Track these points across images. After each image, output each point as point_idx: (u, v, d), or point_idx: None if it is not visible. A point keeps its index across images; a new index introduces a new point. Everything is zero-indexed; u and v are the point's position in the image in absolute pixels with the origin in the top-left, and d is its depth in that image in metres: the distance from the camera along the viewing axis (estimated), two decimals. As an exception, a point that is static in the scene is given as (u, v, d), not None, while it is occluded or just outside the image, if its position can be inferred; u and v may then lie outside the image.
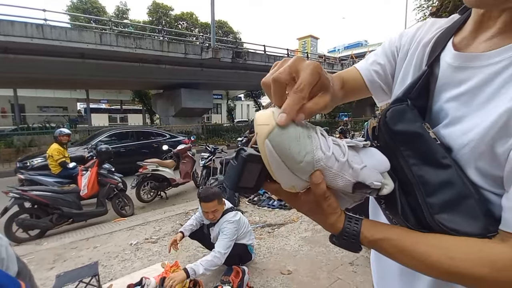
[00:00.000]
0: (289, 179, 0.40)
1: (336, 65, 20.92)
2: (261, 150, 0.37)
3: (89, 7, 22.92)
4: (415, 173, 0.44)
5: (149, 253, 3.07)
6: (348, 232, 0.43)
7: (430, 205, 0.42)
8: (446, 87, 0.49)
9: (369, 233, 0.43)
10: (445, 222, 0.40)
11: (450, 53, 0.50)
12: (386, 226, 0.45)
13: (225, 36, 24.77)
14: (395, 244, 0.42)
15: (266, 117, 0.37)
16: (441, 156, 0.43)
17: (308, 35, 35.37)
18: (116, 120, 29.02)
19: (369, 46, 41.59)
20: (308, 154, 0.38)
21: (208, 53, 13.19)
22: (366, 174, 0.41)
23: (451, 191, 0.41)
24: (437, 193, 0.42)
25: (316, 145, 0.39)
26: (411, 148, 0.45)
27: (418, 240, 0.41)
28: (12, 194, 3.64)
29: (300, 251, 2.97)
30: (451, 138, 0.44)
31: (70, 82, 15.35)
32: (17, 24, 9.38)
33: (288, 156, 0.37)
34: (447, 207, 0.41)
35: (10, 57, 9.93)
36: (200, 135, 15.13)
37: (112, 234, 3.66)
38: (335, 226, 0.44)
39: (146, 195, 5.39)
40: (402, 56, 0.63)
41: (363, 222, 0.44)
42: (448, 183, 0.41)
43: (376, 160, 0.44)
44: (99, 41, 10.84)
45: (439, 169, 0.42)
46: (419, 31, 0.61)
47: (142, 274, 2.52)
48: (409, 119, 0.47)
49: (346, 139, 0.44)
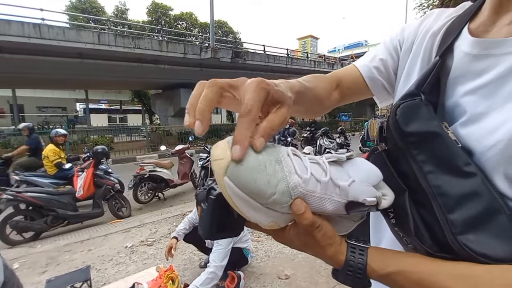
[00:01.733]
0: (265, 216, 0.33)
1: (336, 65, 20.89)
2: (222, 190, 0.32)
3: (88, 7, 22.86)
4: (430, 182, 0.36)
5: (144, 256, 3.01)
6: (352, 266, 0.36)
7: (452, 222, 0.33)
8: (462, 79, 0.42)
9: (378, 266, 0.36)
10: (472, 244, 0.32)
11: (466, 40, 0.43)
12: (397, 254, 0.38)
13: (225, 36, 24.74)
14: (412, 278, 0.34)
15: (221, 150, 0.32)
16: (464, 163, 0.35)
17: (308, 35, 35.35)
18: (115, 120, 28.99)
19: (369, 46, 41.61)
20: (280, 182, 0.31)
21: (207, 53, 13.15)
22: (356, 190, 0.35)
23: (477, 206, 0.33)
24: (459, 208, 0.34)
25: (289, 169, 0.32)
26: (426, 152, 0.37)
27: (440, 270, 0.33)
28: (5, 195, 3.57)
29: (299, 254, 2.91)
30: (472, 139, 0.37)
31: (68, 82, 15.31)
32: (14, 24, 9.33)
33: (255, 191, 0.31)
34: (473, 225, 0.33)
35: (6, 57, 9.88)
36: (199, 136, 15.06)
37: (107, 237, 3.60)
38: (336, 259, 0.37)
39: (143, 196, 5.33)
40: (406, 49, 0.56)
41: (369, 251, 0.37)
42: (472, 195, 0.34)
43: (366, 172, 0.37)
44: (97, 40, 10.80)
45: (461, 178, 0.35)
46: (425, 21, 0.54)
47: (136, 278, 2.46)
48: (424, 117, 0.39)
49: (326, 155, 0.37)
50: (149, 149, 12.63)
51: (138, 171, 5.24)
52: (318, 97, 0.55)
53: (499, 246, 0.32)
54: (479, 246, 0.32)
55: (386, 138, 0.43)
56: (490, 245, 0.32)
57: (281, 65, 16.60)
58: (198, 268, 2.64)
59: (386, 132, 0.42)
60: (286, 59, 17.02)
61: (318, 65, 19.28)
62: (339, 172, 0.36)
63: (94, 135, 12.79)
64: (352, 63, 0.65)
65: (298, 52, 27.56)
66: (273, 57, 16.31)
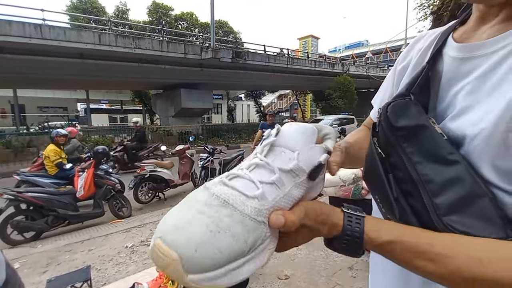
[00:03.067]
0: (257, 258, 0.31)
1: (337, 65, 20.85)
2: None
3: (88, 7, 22.87)
4: (419, 171, 0.39)
5: (145, 256, 3.02)
6: (349, 234, 0.37)
7: (437, 206, 0.37)
8: (454, 81, 0.45)
9: (375, 234, 0.37)
10: (456, 224, 0.35)
11: (452, 47, 0.48)
12: (394, 225, 0.39)
13: (225, 36, 24.71)
14: (408, 246, 0.35)
15: (162, 256, 0.27)
16: (448, 152, 0.39)
17: (308, 35, 35.27)
18: (116, 120, 28.99)
19: (370, 46, 41.51)
20: (243, 223, 0.28)
21: (208, 53, 13.14)
22: (307, 159, 0.34)
23: (459, 190, 0.36)
24: (444, 193, 0.37)
25: (238, 201, 0.29)
26: (414, 144, 0.41)
27: (436, 240, 0.34)
28: (6, 195, 3.58)
29: (298, 254, 2.91)
30: (460, 131, 0.40)
31: (69, 82, 15.32)
32: (14, 24, 9.33)
33: (231, 255, 0.27)
34: (456, 207, 0.36)
35: (7, 57, 9.88)
36: (200, 136, 15.08)
37: (107, 237, 3.60)
38: (334, 230, 0.38)
39: (144, 196, 5.33)
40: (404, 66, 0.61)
41: (366, 220, 0.38)
42: (456, 180, 0.37)
43: (301, 135, 0.36)
44: (98, 41, 10.80)
45: (446, 165, 0.38)
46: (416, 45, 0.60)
47: (136, 278, 2.46)
48: (413, 114, 0.43)
49: (258, 147, 0.36)
50: (149, 149, 12.62)
51: (138, 171, 5.25)
52: (362, 146, 0.60)
53: (480, 226, 0.34)
54: (462, 226, 0.35)
55: (378, 133, 0.46)
56: (472, 225, 0.34)
57: (282, 65, 16.58)
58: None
59: (378, 128, 0.46)
60: (286, 59, 17.00)
61: (319, 65, 19.24)
62: (279, 155, 0.34)
63: (95, 135, 12.81)
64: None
65: (298, 52, 27.51)
66: (274, 57, 16.29)
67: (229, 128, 18.32)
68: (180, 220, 0.28)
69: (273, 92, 35.89)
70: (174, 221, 0.28)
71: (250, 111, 34.85)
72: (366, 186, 2.99)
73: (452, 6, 4.96)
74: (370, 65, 24.73)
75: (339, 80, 18.64)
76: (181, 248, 0.26)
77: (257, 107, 28.58)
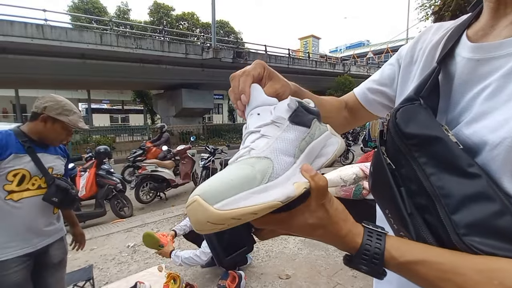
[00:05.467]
0: (268, 195, 0.31)
1: (338, 65, 20.84)
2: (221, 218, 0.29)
3: (90, 7, 22.93)
4: (434, 184, 0.35)
5: (146, 255, 3.03)
6: (368, 250, 0.35)
7: (455, 223, 0.33)
8: (469, 84, 0.42)
9: (397, 253, 0.34)
10: (479, 245, 0.32)
11: (466, 46, 0.44)
12: (416, 244, 0.36)
13: (227, 36, 24.74)
14: (434, 268, 0.32)
15: (189, 204, 0.30)
16: (467, 164, 0.34)
17: (309, 35, 35.30)
18: (117, 120, 29.05)
19: (371, 46, 41.48)
20: (247, 160, 0.33)
21: (209, 53, 13.17)
22: (278, 108, 0.40)
23: (481, 208, 0.32)
24: (463, 209, 0.33)
25: (238, 156, 0.35)
26: (427, 154, 0.37)
27: (463, 262, 0.32)
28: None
29: (299, 254, 2.92)
30: (477, 138, 0.36)
31: (71, 82, 15.38)
32: (16, 24, 9.39)
33: (239, 179, 0.30)
34: (478, 227, 0.32)
35: (9, 58, 9.93)
36: (201, 136, 15.10)
37: (109, 236, 3.62)
38: (350, 240, 0.36)
39: (145, 196, 5.35)
40: (407, 64, 0.57)
41: (387, 238, 0.36)
42: (476, 196, 0.33)
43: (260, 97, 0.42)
44: (99, 41, 10.84)
45: (465, 179, 0.34)
46: (424, 36, 0.56)
47: (138, 277, 2.48)
48: (423, 120, 0.39)
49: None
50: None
51: (140, 171, 5.26)
52: (325, 109, 0.60)
53: (506, 247, 0.31)
54: (486, 247, 0.32)
55: (386, 142, 0.43)
56: (497, 247, 0.31)
57: (283, 65, 16.59)
58: (200, 267, 2.66)
59: (387, 136, 0.43)
60: (287, 59, 17.01)
61: (320, 65, 19.25)
62: (257, 117, 0.40)
63: (96, 135, 12.84)
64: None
65: (299, 52, 27.52)
66: (275, 57, 16.30)
67: (230, 128, 18.35)
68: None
69: (274, 92, 35.82)
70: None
71: (251, 111, 34.74)
72: (368, 188, 2.99)
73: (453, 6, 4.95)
74: (371, 65, 24.73)
75: (340, 80, 18.62)
76: (199, 189, 0.30)
77: (258, 107, 28.54)
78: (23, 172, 1.37)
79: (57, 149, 1.59)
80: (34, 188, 1.41)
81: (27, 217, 1.40)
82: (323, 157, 0.42)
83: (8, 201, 1.34)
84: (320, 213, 0.36)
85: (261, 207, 0.30)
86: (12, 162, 1.34)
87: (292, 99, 0.41)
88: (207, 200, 0.28)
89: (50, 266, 1.55)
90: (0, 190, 1.32)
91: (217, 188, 0.29)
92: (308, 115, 0.41)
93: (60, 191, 1.47)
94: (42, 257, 1.50)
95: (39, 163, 1.42)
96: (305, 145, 0.39)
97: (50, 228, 1.52)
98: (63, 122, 1.44)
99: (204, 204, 0.28)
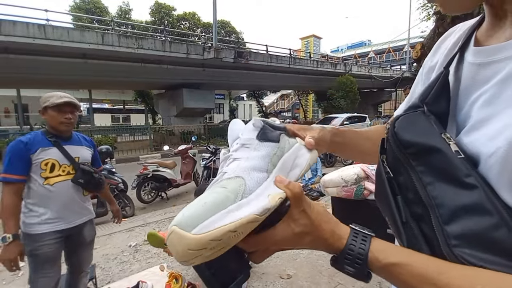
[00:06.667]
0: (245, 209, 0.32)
1: (339, 65, 20.82)
2: (198, 242, 0.29)
3: (91, 7, 22.97)
4: (430, 193, 0.35)
5: (148, 255, 3.04)
6: (352, 251, 0.35)
7: (447, 234, 0.33)
8: (471, 88, 0.41)
9: (380, 255, 0.35)
10: (469, 257, 0.31)
11: (470, 50, 0.43)
12: (401, 248, 0.37)
13: (228, 36, 24.74)
14: (415, 271, 0.32)
15: (168, 235, 0.31)
16: (465, 174, 0.34)
17: (311, 35, 35.23)
18: (118, 120, 29.10)
19: (373, 46, 41.38)
20: (220, 183, 0.35)
21: (210, 53, 13.17)
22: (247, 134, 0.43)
23: (476, 220, 0.32)
24: (457, 220, 0.33)
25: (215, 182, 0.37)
26: (425, 163, 0.37)
27: (445, 269, 0.31)
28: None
29: (301, 254, 2.93)
30: (475, 147, 0.35)
31: (72, 82, 15.41)
32: (18, 24, 9.41)
33: (212, 202, 0.31)
34: (470, 239, 0.31)
35: (10, 57, 9.96)
36: (202, 135, 15.11)
37: (111, 236, 3.63)
38: (334, 241, 0.37)
39: (146, 196, 5.36)
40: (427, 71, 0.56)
41: (372, 240, 0.36)
42: (472, 208, 0.32)
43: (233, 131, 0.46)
44: (101, 41, 10.86)
45: (461, 189, 0.33)
46: (446, 42, 0.53)
47: (140, 277, 2.49)
48: (422, 128, 0.39)
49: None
50: (152, 149, 12.69)
51: (141, 171, 5.27)
52: (373, 142, 0.58)
53: (498, 261, 0.30)
54: (476, 260, 0.31)
55: (386, 150, 0.43)
56: (488, 260, 0.30)
57: (284, 65, 16.58)
58: (201, 267, 2.67)
59: (387, 144, 0.43)
60: (289, 59, 17.00)
61: (321, 65, 19.23)
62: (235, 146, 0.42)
63: (98, 135, 12.87)
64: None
65: (300, 52, 27.49)
66: (276, 57, 16.29)
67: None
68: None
69: (275, 92, 35.89)
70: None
71: (252, 111, 34.88)
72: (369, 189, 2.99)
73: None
74: (372, 65, 24.67)
75: (341, 80, 18.60)
76: (175, 220, 0.30)
77: (259, 107, 28.60)
78: (52, 161, 1.66)
79: (82, 141, 1.88)
80: (64, 174, 1.71)
81: (62, 198, 1.70)
82: (297, 168, 0.43)
83: (46, 186, 1.64)
84: (303, 220, 0.37)
85: (239, 223, 0.30)
86: (42, 154, 1.62)
87: (256, 119, 0.43)
88: (184, 228, 0.29)
89: (83, 245, 1.90)
90: (38, 177, 1.63)
91: (191, 214, 0.30)
92: (274, 131, 0.43)
93: (85, 174, 1.76)
94: (77, 237, 1.83)
95: (65, 153, 1.71)
96: (276, 159, 0.40)
97: (82, 209, 1.83)
98: (48, 106, 1.65)
99: (181, 232, 0.29)
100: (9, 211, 1.58)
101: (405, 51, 28.63)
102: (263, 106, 29.39)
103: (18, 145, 1.60)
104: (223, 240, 0.30)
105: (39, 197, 1.65)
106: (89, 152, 1.90)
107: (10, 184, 1.58)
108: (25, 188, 1.65)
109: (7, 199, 1.58)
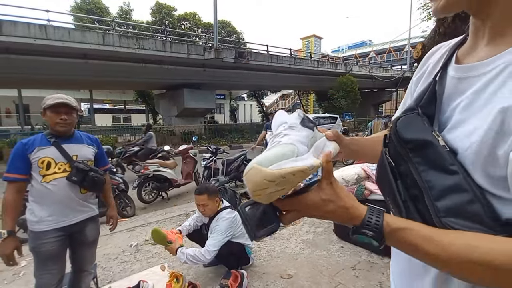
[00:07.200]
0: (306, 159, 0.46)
1: (340, 65, 20.81)
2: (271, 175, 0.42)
3: (92, 8, 22.99)
4: (423, 178, 0.46)
5: (149, 255, 3.05)
6: (370, 220, 0.46)
7: (437, 208, 0.43)
8: (452, 97, 0.51)
9: (392, 220, 0.46)
10: (453, 224, 0.42)
11: (452, 66, 0.54)
12: (406, 219, 0.47)
13: (228, 36, 24.72)
14: (421, 234, 0.43)
15: (248, 169, 0.44)
16: (449, 163, 0.44)
17: (311, 35, 35.23)
18: (119, 120, 29.12)
19: (373, 46, 41.34)
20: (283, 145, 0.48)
21: (211, 53, 13.18)
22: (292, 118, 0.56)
23: (457, 196, 0.43)
24: (444, 197, 0.43)
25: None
26: (421, 155, 0.47)
27: (440, 231, 0.43)
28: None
29: (301, 254, 2.93)
30: (455, 142, 0.46)
31: (73, 82, 15.42)
32: (20, 25, 9.43)
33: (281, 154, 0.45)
34: (454, 211, 0.43)
35: (12, 58, 9.98)
36: (203, 135, 15.12)
37: (112, 235, 3.63)
38: (355, 212, 0.48)
39: (147, 196, 5.37)
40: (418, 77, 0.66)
41: (385, 214, 0.47)
42: (454, 188, 0.43)
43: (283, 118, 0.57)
44: (102, 41, 10.88)
45: (447, 175, 0.44)
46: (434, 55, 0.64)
47: (141, 276, 2.50)
48: (419, 127, 0.50)
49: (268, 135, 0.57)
50: (152, 149, 12.67)
51: (142, 171, 5.28)
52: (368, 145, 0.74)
53: (474, 226, 0.41)
54: (458, 226, 0.42)
55: (388, 145, 0.54)
56: (467, 226, 0.42)
57: (284, 65, 16.58)
58: (202, 267, 2.67)
59: (389, 141, 0.54)
60: (289, 59, 16.99)
61: (322, 65, 19.22)
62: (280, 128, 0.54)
63: (99, 135, 12.90)
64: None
65: (301, 52, 27.49)
66: (276, 57, 16.29)
67: (232, 128, 18.36)
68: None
69: (275, 92, 35.88)
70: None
71: (252, 111, 34.87)
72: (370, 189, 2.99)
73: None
74: (373, 65, 24.67)
75: (342, 80, 18.59)
76: (254, 161, 0.44)
77: (260, 107, 28.57)
78: (48, 159, 1.69)
79: (84, 139, 1.90)
80: (60, 171, 1.73)
81: (58, 195, 1.72)
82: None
83: (43, 183, 1.69)
84: (329, 190, 0.49)
85: (297, 169, 0.43)
86: (38, 153, 1.68)
87: (300, 111, 0.57)
88: (262, 165, 0.43)
89: (85, 244, 1.91)
90: (37, 175, 1.68)
91: (267, 158, 0.44)
92: (311, 123, 0.55)
93: (79, 172, 1.75)
94: (79, 235, 1.85)
95: (63, 151, 1.74)
96: (312, 142, 0.52)
97: (81, 207, 1.85)
98: (45, 108, 1.71)
99: (260, 167, 0.42)
100: (7, 208, 1.64)
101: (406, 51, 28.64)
102: (263, 106, 29.36)
103: (19, 146, 1.69)
104: (286, 179, 0.42)
105: (38, 195, 1.71)
106: (90, 151, 1.90)
107: (11, 182, 1.67)
108: (29, 187, 1.72)
109: (7, 197, 1.65)
